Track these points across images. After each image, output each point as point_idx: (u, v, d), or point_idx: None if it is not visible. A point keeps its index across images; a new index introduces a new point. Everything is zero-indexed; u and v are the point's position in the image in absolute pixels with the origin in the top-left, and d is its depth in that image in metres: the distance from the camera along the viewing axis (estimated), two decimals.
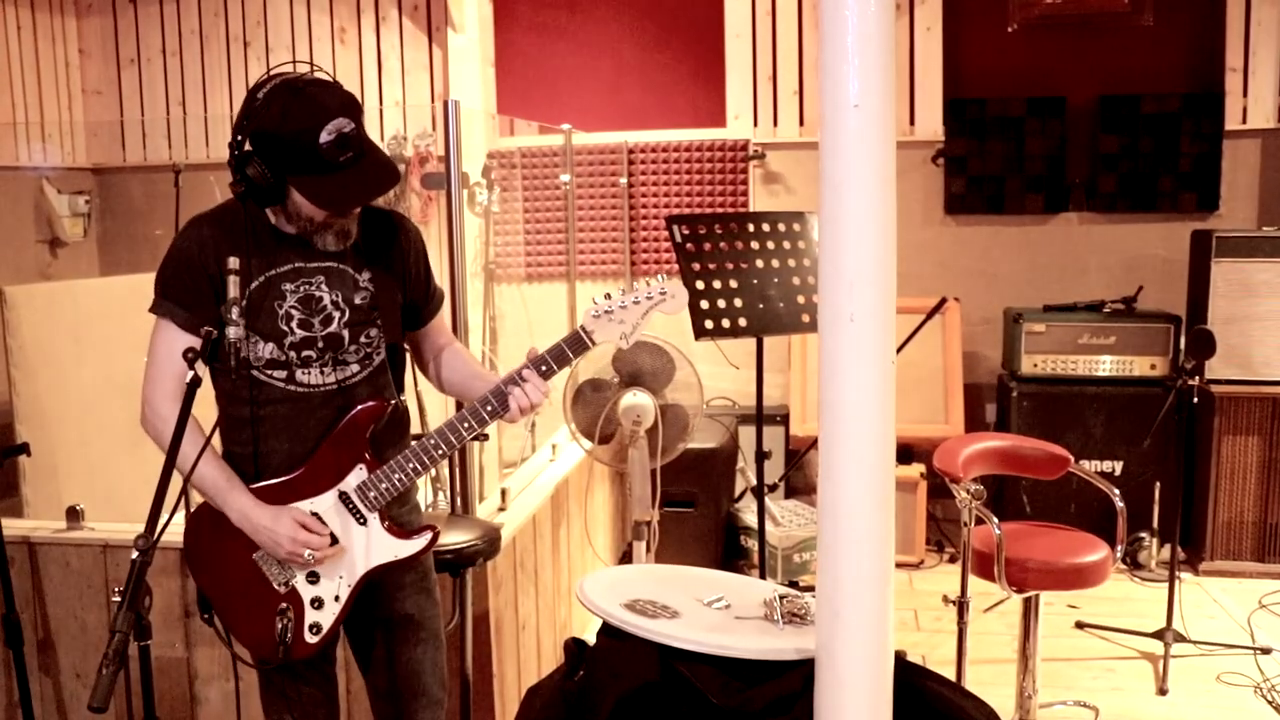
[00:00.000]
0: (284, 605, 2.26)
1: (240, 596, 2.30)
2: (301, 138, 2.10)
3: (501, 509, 3.45)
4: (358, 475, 2.28)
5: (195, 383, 1.92)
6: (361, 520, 2.29)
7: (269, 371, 2.26)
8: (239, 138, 2.17)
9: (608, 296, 2.31)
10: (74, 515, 3.24)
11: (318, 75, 2.21)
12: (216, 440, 2.28)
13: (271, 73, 2.20)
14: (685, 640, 2.18)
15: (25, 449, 3.36)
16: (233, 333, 2.10)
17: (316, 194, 2.16)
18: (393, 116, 5.89)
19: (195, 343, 2.13)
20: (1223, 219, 5.38)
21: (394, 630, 2.44)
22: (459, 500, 3.26)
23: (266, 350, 2.24)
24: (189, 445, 2.05)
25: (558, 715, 2.37)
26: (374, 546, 2.29)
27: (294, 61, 2.29)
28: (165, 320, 2.25)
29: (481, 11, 5.82)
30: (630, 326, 2.31)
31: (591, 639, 2.44)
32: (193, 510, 2.34)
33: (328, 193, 2.16)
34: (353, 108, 2.16)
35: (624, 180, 5.73)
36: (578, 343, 2.30)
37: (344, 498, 2.28)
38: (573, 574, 4.14)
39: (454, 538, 2.79)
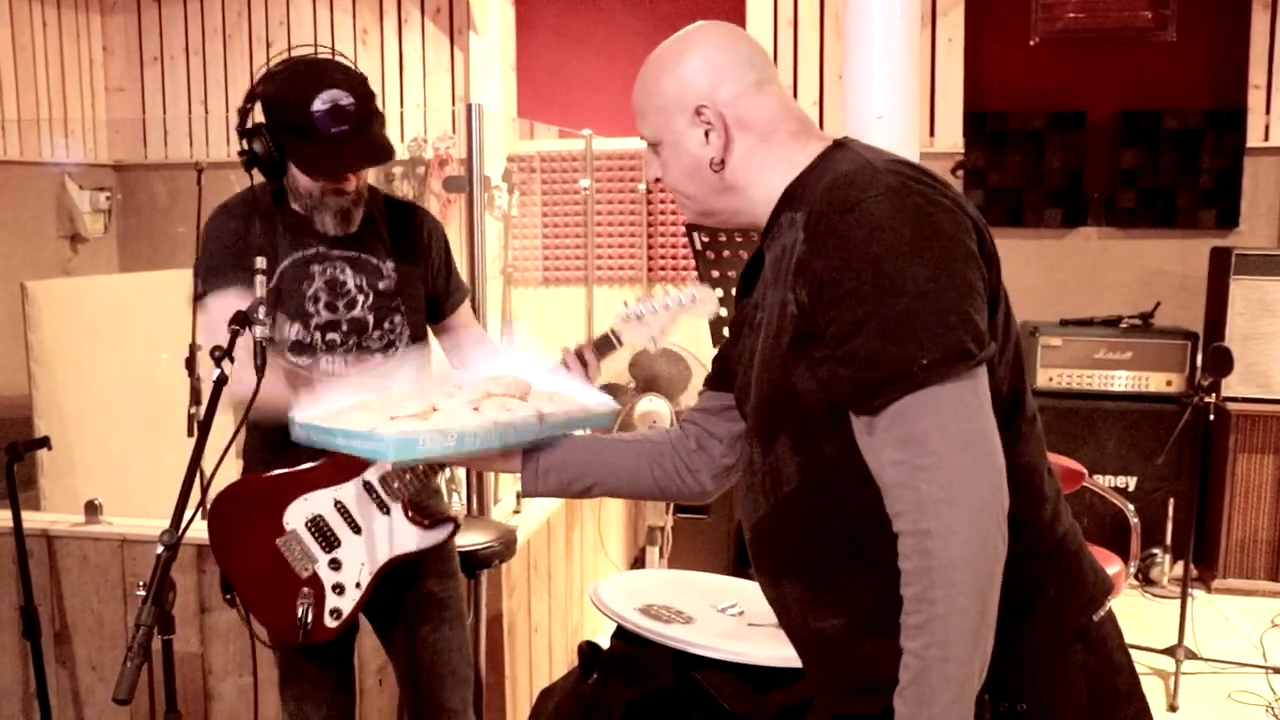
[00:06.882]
0: (306, 590, 2.28)
1: (263, 581, 2.31)
2: (297, 101, 2.14)
3: (516, 511, 3.46)
4: (381, 465, 2.29)
5: (222, 381, 1.93)
6: (385, 510, 2.30)
7: (292, 357, 2.28)
8: (248, 105, 2.22)
9: (639, 301, 2.34)
10: (92, 509, 3.26)
11: (337, 58, 2.25)
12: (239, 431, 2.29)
13: (294, 50, 2.25)
14: (699, 646, 2.20)
15: (46, 443, 3.37)
16: (259, 331, 2.11)
17: (304, 159, 2.19)
18: (413, 118, 5.92)
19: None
20: (1242, 236, 5.36)
21: (419, 611, 2.46)
22: (474, 502, 3.27)
23: (292, 332, 2.26)
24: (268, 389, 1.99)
25: (570, 717, 2.38)
26: (396, 536, 2.31)
27: (315, 45, 2.32)
28: (216, 295, 2.23)
29: (503, 15, 5.84)
30: (659, 330, 2.34)
31: (604, 643, 2.46)
32: (215, 497, 2.36)
33: (314, 158, 2.18)
34: (359, 86, 2.19)
35: (643, 186, 5.74)
36: (606, 345, 2.32)
37: (368, 487, 2.30)
38: (585, 578, 4.15)
39: (469, 539, 2.80)
